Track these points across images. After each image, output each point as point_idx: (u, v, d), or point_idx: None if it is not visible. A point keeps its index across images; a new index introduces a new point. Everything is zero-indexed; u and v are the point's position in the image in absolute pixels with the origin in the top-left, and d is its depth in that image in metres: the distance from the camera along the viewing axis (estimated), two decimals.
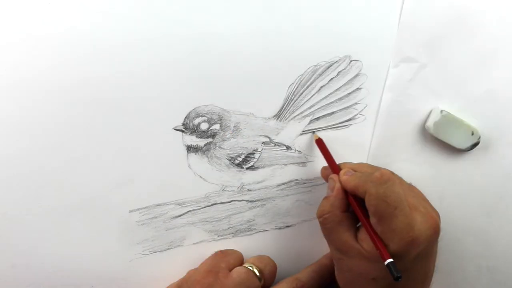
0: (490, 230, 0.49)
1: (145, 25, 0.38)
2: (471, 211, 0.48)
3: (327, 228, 0.40)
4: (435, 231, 0.38)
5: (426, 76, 0.44)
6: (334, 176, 0.41)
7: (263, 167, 0.44)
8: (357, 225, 0.40)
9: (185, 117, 0.41)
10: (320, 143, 0.44)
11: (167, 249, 0.45)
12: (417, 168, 0.46)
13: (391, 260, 0.35)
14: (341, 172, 0.41)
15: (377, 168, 0.41)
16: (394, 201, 0.36)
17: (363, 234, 0.38)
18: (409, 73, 0.44)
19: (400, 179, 0.41)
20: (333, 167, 0.42)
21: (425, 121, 0.45)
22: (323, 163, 0.45)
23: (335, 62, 0.42)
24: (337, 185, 0.40)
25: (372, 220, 0.37)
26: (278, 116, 0.43)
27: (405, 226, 0.36)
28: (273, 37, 0.40)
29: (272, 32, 0.40)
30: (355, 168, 0.41)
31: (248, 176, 0.44)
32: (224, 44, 0.40)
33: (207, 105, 0.41)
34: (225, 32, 0.39)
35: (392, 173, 0.39)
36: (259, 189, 0.45)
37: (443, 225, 0.40)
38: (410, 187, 0.41)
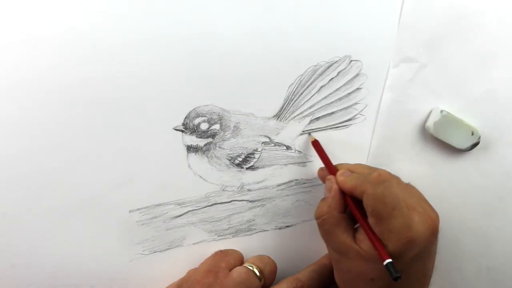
0: (490, 230, 0.49)
1: (145, 25, 0.38)
2: (471, 211, 0.48)
3: (325, 230, 0.40)
4: (433, 231, 0.38)
5: (426, 76, 0.44)
6: (331, 177, 0.41)
7: (263, 167, 0.44)
8: (355, 226, 0.40)
9: (185, 117, 0.41)
10: (316, 144, 0.44)
11: (167, 249, 0.45)
12: (417, 168, 0.46)
13: (390, 260, 0.35)
14: (338, 173, 0.40)
15: (374, 169, 0.41)
16: (392, 201, 0.36)
17: (361, 235, 0.38)
18: (409, 73, 0.44)
19: (397, 180, 0.40)
20: (330, 168, 0.42)
21: (425, 121, 0.45)
22: (321, 163, 0.45)
23: (335, 62, 0.42)
24: (334, 186, 0.40)
25: (370, 220, 0.37)
26: (278, 116, 0.43)
27: (402, 227, 0.36)
28: (273, 37, 0.40)
29: (272, 32, 0.40)
30: (352, 169, 0.41)
31: (248, 176, 0.44)
32: (224, 44, 0.40)
33: (207, 105, 0.41)
34: (225, 32, 0.39)
35: (390, 173, 0.39)
36: (259, 189, 0.45)
37: (443, 225, 0.40)
38: (408, 187, 0.41)
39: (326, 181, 0.41)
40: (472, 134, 0.45)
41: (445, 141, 0.45)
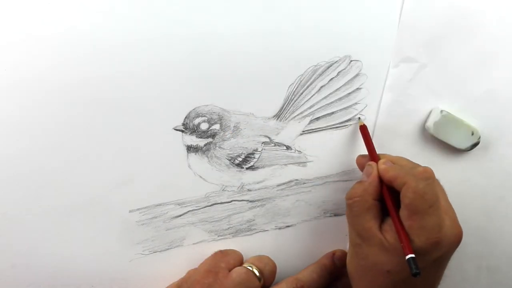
0: (490, 230, 0.49)
1: (145, 25, 0.38)
2: (471, 211, 0.48)
3: (354, 212, 0.40)
4: (459, 239, 0.39)
5: (426, 76, 0.44)
6: (372, 163, 0.41)
7: (263, 167, 0.44)
8: (383, 217, 0.40)
9: (185, 117, 0.41)
10: (364, 129, 0.44)
11: (167, 249, 0.45)
12: None
13: (413, 255, 0.35)
14: (380, 161, 0.41)
15: (416, 164, 0.41)
16: (431, 199, 0.37)
17: (387, 226, 0.38)
18: (409, 73, 0.44)
19: (438, 181, 0.40)
20: (373, 155, 0.42)
21: (425, 121, 0.45)
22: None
23: (335, 62, 0.42)
24: (375, 172, 0.40)
25: (403, 213, 0.37)
26: (278, 116, 0.43)
27: (434, 226, 0.37)
28: (273, 37, 0.40)
29: (272, 32, 0.40)
30: (394, 161, 0.41)
31: (248, 176, 0.44)
32: (224, 44, 0.40)
33: (207, 105, 0.41)
34: (225, 32, 0.39)
35: (433, 172, 0.39)
36: (259, 189, 0.45)
37: None
38: (444, 192, 0.41)
39: (366, 166, 0.41)
40: (472, 134, 0.45)
41: (445, 141, 0.45)
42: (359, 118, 0.44)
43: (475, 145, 0.45)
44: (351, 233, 0.41)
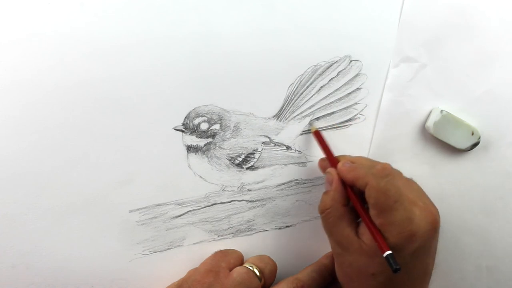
0: (490, 230, 0.49)
1: (145, 25, 0.38)
2: (471, 211, 0.48)
3: (329, 223, 0.40)
4: (434, 226, 0.39)
5: (426, 76, 0.44)
6: (331, 170, 0.41)
7: (263, 167, 0.44)
8: (358, 220, 0.40)
9: (185, 117, 0.41)
10: (317, 135, 0.43)
11: (167, 249, 0.45)
12: (417, 168, 0.46)
13: (390, 252, 0.35)
14: (340, 164, 0.41)
15: (376, 162, 0.41)
16: (394, 194, 0.37)
17: (363, 228, 0.39)
18: (409, 73, 0.44)
19: (400, 174, 0.41)
20: (331, 159, 0.42)
21: (425, 121, 0.45)
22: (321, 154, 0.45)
23: (335, 62, 0.42)
24: (336, 178, 0.40)
25: (372, 212, 0.38)
26: (278, 116, 0.43)
27: (404, 220, 0.37)
28: (273, 37, 0.40)
29: (272, 32, 0.40)
30: (353, 161, 0.41)
31: (248, 176, 0.44)
32: (224, 44, 0.40)
33: (207, 105, 0.41)
34: (225, 32, 0.39)
35: (392, 167, 0.39)
36: (259, 189, 0.45)
37: (443, 224, 0.40)
38: (409, 182, 0.41)
39: (326, 175, 0.41)
40: (472, 134, 0.45)
41: (445, 141, 0.45)
42: (311, 123, 0.44)
43: (475, 145, 0.45)
44: (331, 244, 0.41)
